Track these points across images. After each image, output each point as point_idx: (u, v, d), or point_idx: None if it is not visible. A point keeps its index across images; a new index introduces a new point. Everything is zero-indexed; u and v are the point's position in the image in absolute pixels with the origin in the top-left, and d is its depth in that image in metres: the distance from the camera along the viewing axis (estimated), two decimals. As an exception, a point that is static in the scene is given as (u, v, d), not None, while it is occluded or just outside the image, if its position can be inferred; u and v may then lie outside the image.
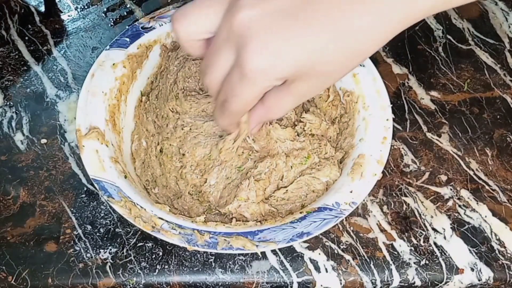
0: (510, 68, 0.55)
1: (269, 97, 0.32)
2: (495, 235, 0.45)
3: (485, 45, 0.57)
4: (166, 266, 0.42)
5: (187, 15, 0.31)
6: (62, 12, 0.60)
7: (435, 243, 0.44)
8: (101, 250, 0.43)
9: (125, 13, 0.60)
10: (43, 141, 0.49)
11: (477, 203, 0.46)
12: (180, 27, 0.32)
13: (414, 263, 0.43)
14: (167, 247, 0.43)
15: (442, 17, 0.59)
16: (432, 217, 0.46)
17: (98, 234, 0.44)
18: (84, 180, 0.47)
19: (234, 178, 0.44)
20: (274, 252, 0.43)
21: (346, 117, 0.48)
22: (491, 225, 0.45)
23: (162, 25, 0.52)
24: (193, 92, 0.48)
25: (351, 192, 0.42)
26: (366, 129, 0.45)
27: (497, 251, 0.44)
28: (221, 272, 0.42)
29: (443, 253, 0.44)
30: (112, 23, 0.59)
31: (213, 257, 0.43)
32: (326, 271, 0.42)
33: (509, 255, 0.44)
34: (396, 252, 0.44)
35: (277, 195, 0.44)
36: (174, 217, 0.41)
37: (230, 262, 0.43)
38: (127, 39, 0.50)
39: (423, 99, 0.53)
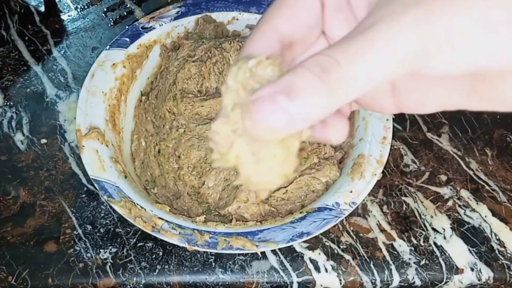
0: (510, 68, 0.55)
1: None
2: (495, 235, 0.45)
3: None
4: (166, 266, 0.42)
5: None
6: (62, 12, 0.60)
7: (435, 243, 0.44)
8: (101, 250, 0.43)
9: (125, 13, 0.60)
10: (43, 141, 0.49)
11: (477, 203, 0.46)
12: None
13: (414, 263, 0.43)
14: (167, 247, 0.43)
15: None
16: (432, 217, 0.46)
17: (98, 234, 0.44)
18: (84, 180, 0.47)
19: (233, 180, 0.44)
20: (274, 252, 0.43)
21: (346, 117, 0.48)
22: (491, 225, 0.45)
23: (162, 25, 0.52)
24: (190, 94, 0.48)
25: (351, 192, 0.42)
26: (366, 129, 0.45)
27: (497, 251, 0.44)
28: (221, 272, 0.42)
29: (443, 253, 0.44)
30: (112, 23, 0.59)
31: (213, 257, 0.43)
32: (326, 271, 0.42)
33: (509, 255, 0.44)
34: (396, 252, 0.44)
35: (277, 195, 0.44)
36: (174, 217, 0.41)
37: (230, 262, 0.43)
38: (127, 39, 0.50)
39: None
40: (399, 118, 0.51)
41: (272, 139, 0.17)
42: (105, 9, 0.60)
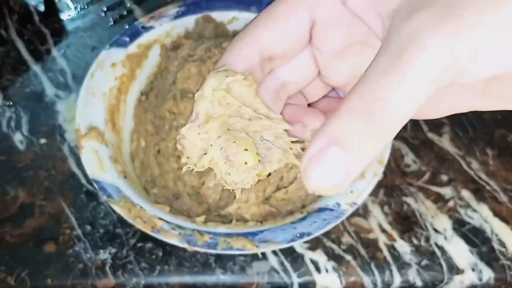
0: (511, 67, 0.55)
1: None
2: (496, 235, 0.45)
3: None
4: (166, 267, 0.42)
5: None
6: (61, 12, 0.60)
7: (436, 244, 0.44)
8: (101, 251, 0.43)
9: (125, 13, 0.60)
10: (43, 141, 0.49)
11: (478, 203, 0.46)
12: None
13: (415, 263, 0.43)
14: (167, 247, 0.43)
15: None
16: (433, 217, 0.45)
17: (97, 234, 0.44)
18: (83, 180, 0.47)
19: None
20: (274, 252, 0.43)
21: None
22: (492, 225, 0.45)
23: (162, 24, 0.51)
24: (190, 94, 0.48)
25: (351, 192, 0.41)
26: (366, 129, 0.45)
27: (497, 251, 0.44)
28: (221, 272, 0.42)
29: (443, 254, 0.43)
30: (111, 23, 0.59)
31: (213, 258, 0.43)
32: (327, 272, 0.42)
33: (509, 255, 0.44)
34: (397, 253, 0.43)
35: (277, 196, 0.44)
36: (174, 218, 0.40)
37: (230, 263, 0.42)
38: (127, 39, 0.50)
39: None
40: (400, 118, 0.51)
41: (335, 193, 0.17)
42: (104, 9, 0.60)
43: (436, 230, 0.45)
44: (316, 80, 0.23)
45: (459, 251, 0.44)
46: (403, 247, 0.44)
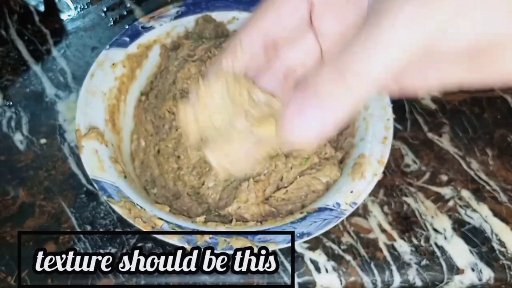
0: (510, 67, 0.55)
1: None
2: (496, 235, 0.45)
3: (485, 45, 0.57)
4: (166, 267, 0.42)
5: None
6: (61, 12, 0.60)
7: (435, 244, 0.44)
8: (101, 251, 0.43)
9: (125, 13, 0.60)
10: (43, 141, 0.49)
11: (478, 203, 0.46)
12: None
13: (415, 263, 0.43)
14: (167, 247, 0.43)
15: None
16: (432, 217, 0.45)
17: (97, 234, 0.44)
18: (83, 180, 0.47)
19: (233, 180, 0.44)
20: (274, 252, 0.43)
21: (347, 117, 0.48)
22: (492, 225, 0.45)
23: (162, 24, 0.52)
24: (190, 94, 0.48)
25: (351, 192, 0.41)
26: (366, 129, 0.45)
27: (497, 251, 0.44)
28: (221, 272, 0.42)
29: (443, 254, 0.43)
30: (111, 23, 0.59)
31: (213, 258, 0.43)
32: (327, 272, 0.42)
33: (509, 255, 0.44)
34: (396, 253, 0.43)
35: (277, 196, 0.44)
36: (174, 217, 0.40)
37: (230, 263, 0.42)
38: (127, 39, 0.50)
39: (423, 99, 0.53)
40: (400, 118, 0.51)
41: (308, 147, 0.19)
42: (104, 9, 0.60)
43: (436, 230, 0.45)
44: None
45: (459, 251, 0.44)
46: (403, 247, 0.44)
